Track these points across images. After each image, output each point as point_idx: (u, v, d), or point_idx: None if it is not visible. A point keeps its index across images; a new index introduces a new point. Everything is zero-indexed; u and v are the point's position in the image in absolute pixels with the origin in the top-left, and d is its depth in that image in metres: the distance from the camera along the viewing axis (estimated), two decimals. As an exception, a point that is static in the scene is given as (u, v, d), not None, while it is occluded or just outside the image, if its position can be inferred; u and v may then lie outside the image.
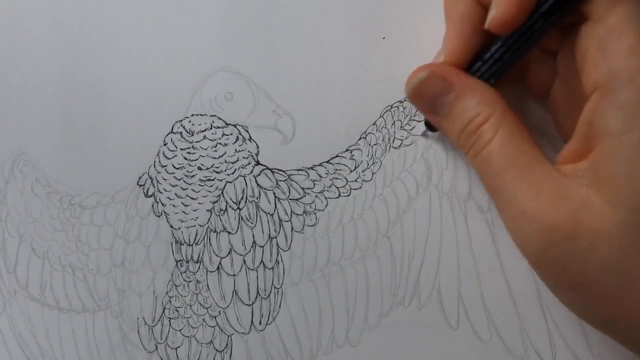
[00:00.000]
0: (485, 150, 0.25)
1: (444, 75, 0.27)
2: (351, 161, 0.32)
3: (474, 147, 0.26)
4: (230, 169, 0.32)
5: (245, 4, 0.32)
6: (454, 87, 0.26)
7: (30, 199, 0.34)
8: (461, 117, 0.26)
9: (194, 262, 0.32)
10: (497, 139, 0.25)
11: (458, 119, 0.26)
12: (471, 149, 0.26)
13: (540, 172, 0.24)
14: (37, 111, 0.34)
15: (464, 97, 0.26)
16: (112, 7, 0.33)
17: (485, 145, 0.25)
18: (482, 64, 0.27)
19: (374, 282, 0.32)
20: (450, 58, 0.27)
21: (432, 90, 0.27)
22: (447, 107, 0.27)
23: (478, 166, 0.26)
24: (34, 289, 0.34)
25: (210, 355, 0.32)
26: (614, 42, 0.22)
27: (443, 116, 0.27)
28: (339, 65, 0.32)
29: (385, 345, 0.32)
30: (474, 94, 0.26)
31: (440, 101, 0.27)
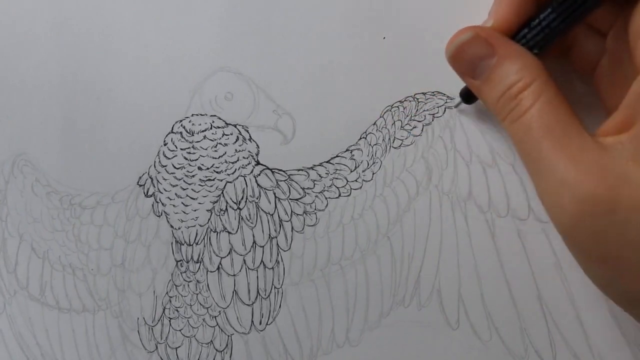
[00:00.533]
0: (524, 116, 0.25)
1: (488, 38, 0.26)
2: (351, 161, 0.32)
3: (513, 113, 0.26)
4: (231, 169, 0.32)
5: (245, 4, 0.32)
6: (497, 51, 0.26)
7: (30, 199, 0.34)
8: (502, 82, 0.26)
9: (194, 262, 0.32)
10: (538, 106, 0.25)
11: (499, 84, 0.26)
12: (509, 114, 0.26)
13: (580, 142, 0.24)
14: (37, 111, 0.34)
15: (506, 61, 0.26)
16: (112, 7, 0.33)
17: (525, 112, 0.25)
18: (529, 31, 0.27)
19: (374, 282, 0.32)
20: (497, 23, 0.27)
21: (474, 52, 0.27)
22: (488, 70, 0.26)
23: (515, 132, 0.26)
24: (34, 289, 0.34)
25: (211, 355, 0.32)
26: None
27: (483, 80, 0.27)
28: (339, 65, 0.32)
29: (385, 345, 0.31)
30: (517, 60, 0.26)
31: (481, 64, 0.26)
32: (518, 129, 0.25)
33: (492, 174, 0.31)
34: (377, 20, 0.32)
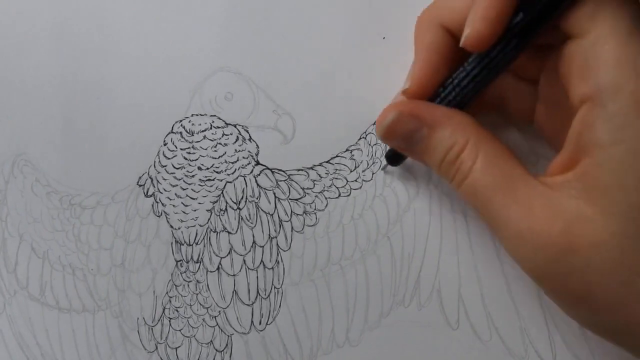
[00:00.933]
0: (468, 178, 0.25)
1: (413, 112, 0.27)
2: (351, 161, 0.32)
3: (457, 177, 0.26)
4: (230, 169, 0.32)
5: (245, 4, 0.32)
6: (425, 122, 0.26)
7: (30, 199, 0.34)
8: (438, 150, 0.26)
9: (194, 262, 0.33)
10: (479, 165, 0.25)
11: (435, 152, 0.26)
12: (454, 178, 0.26)
13: (528, 190, 0.24)
14: (37, 111, 0.34)
15: (437, 129, 0.26)
16: (112, 8, 0.33)
17: (468, 173, 0.25)
18: (453, 89, 0.27)
19: (374, 282, 0.32)
20: (417, 86, 0.27)
21: (404, 129, 0.27)
22: (422, 142, 0.27)
23: (464, 195, 0.26)
24: (34, 289, 0.34)
25: (210, 355, 0.32)
26: (598, 54, 0.22)
27: (421, 151, 0.27)
28: (339, 65, 0.32)
29: (385, 345, 0.31)
30: (446, 124, 0.26)
31: (414, 137, 0.27)
32: (466, 191, 0.26)
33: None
34: (377, 20, 0.32)
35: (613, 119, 0.22)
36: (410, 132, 0.27)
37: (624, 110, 0.22)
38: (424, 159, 0.27)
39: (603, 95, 0.22)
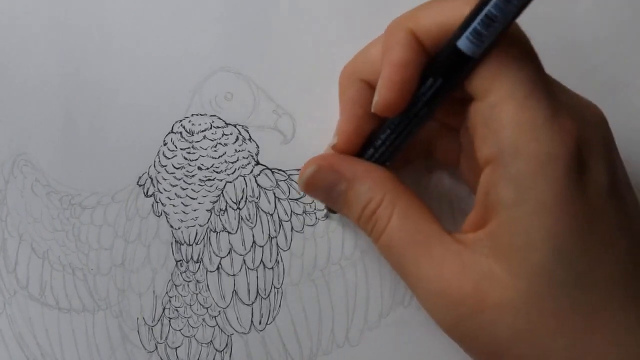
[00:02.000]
0: (384, 234, 0.25)
1: (333, 166, 0.27)
2: (351, 161, 0.32)
3: (374, 233, 0.26)
4: (230, 169, 0.32)
5: (245, 4, 0.32)
6: (344, 176, 0.27)
7: (30, 199, 0.34)
8: (355, 205, 0.26)
9: (193, 262, 0.33)
10: (394, 222, 0.25)
11: (353, 207, 0.27)
12: (371, 234, 0.26)
13: (440, 248, 0.24)
14: (37, 111, 0.34)
15: (355, 184, 0.26)
16: (112, 7, 0.33)
17: (384, 229, 0.25)
18: (375, 149, 0.27)
19: (374, 282, 0.32)
20: (342, 141, 0.28)
21: (323, 182, 0.27)
22: (341, 196, 0.27)
23: (381, 250, 0.26)
24: (34, 289, 0.34)
25: (210, 355, 0.32)
26: (497, 118, 0.23)
27: (340, 205, 0.27)
28: (339, 65, 0.32)
29: (385, 345, 0.31)
30: (364, 180, 0.26)
31: (334, 191, 0.27)
32: (382, 247, 0.26)
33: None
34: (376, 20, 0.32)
35: (515, 181, 0.22)
36: (330, 186, 0.27)
37: (525, 171, 0.22)
38: (344, 212, 0.28)
39: (504, 156, 0.22)
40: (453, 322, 0.24)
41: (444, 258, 0.24)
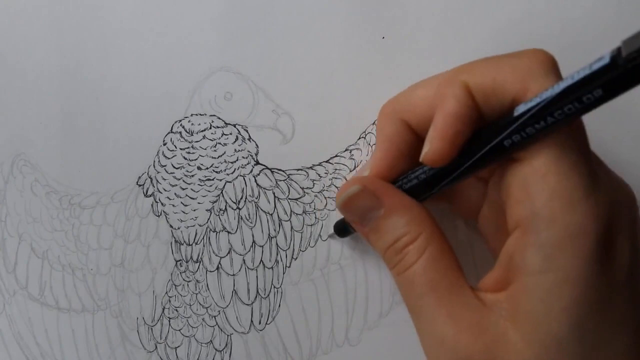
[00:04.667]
0: (409, 270, 0.25)
1: (375, 191, 0.27)
2: (351, 161, 0.32)
3: (398, 266, 0.26)
4: (230, 169, 0.32)
5: (245, 4, 0.32)
6: (384, 203, 0.26)
7: (30, 198, 0.34)
8: (388, 235, 0.26)
9: (193, 262, 0.33)
10: (422, 262, 0.25)
11: (385, 236, 0.26)
12: (395, 267, 0.26)
13: (460, 299, 0.24)
14: (36, 111, 0.34)
15: (393, 214, 0.26)
16: (111, 7, 0.33)
17: (410, 266, 0.25)
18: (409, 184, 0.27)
19: (374, 282, 0.32)
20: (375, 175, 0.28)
21: (362, 204, 0.27)
22: (375, 221, 0.27)
23: (400, 284, 0.26)
24: (34, 289, 0.33)
25: (210, 355, 0.33)
26: (537, 183, 0.23)
27: (371, 229, 0.27)
28: (339, 65, 0.32)
29: (385, 344, 0.32)
30: (403, 213, 0.26)
31: (369, 215, 0.27)
32: (402, 283, 0.26)
33: (491, 173, 0.31)
34: (377, 20, 0.32)
35: (544, 248, 0.22)
36: (367, 209, 0.27)
37: (556, 241, 0.22)
38: (371, 237, 0.27)
39: (537, 222, 0.22)
40: None
41: (462, 311, 0.24)
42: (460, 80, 0.24)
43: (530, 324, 0.23)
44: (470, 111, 0.24)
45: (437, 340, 0.24)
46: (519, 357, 0.23)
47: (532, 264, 0.23)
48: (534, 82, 0.23)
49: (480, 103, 0.24)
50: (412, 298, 0.25)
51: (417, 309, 0.25)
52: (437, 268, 0.25)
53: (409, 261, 0.25)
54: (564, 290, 0.22)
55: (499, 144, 0.23)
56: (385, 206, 0.26)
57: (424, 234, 0.25)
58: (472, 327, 0.23)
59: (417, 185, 0.27)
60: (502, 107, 0.24)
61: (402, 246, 0.26)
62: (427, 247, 0.25)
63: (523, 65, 0.23)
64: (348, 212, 0.28)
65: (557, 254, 0.22)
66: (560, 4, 0.31)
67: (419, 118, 0.26)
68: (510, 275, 0.24)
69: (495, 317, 0.23)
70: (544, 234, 0.22)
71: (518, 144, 0.23)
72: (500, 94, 0.24)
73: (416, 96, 0.27)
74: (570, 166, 0.22)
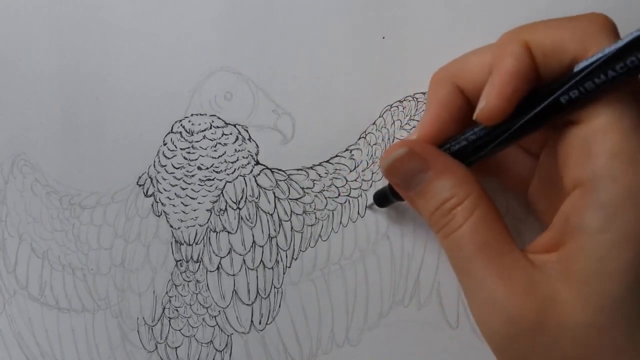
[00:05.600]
0: (456, 233, 0.25)
1: (422, 153, 0.27)
2: (351, 161, 0.32)
3: (445, 229, 0.26)
4: (230, 169, 0.32)
5: (245, 4, 0.32)
6: (431, 166, 0.26)
7: (30, 198, 0.34)
8: (435, 197, 0.26)
9: (193, 262, 0.33)
10: (470, 223, 0.25)
11: (432, 199, 0.26)
12: (442, 229, 0.26)
13: (510, 260, 0.24)
14: (36, 111, 0.34)
15: (441, 177, 0.26)
16: (111, 7, 0.33)
17: (457, 228, 0.25)
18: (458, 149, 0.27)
19: (374, 282, 0.32)
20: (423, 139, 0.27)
21: (409, 167, 0.27)
22: (422, 185, 0.26)
23: (448, 247, 0.26)
24: (34, 289, 0.34)
25: (210, 355, 0.33)
26: (598, 142, 0.23)
27: (417, 193, 0.27)
28: (339, 65, 0.32)
29: (385, 344, 0.32)
30: (451, 175, 0.26)
31: (415, 178, 0.27)
32: (450, 245, 0.26)
33: (491, 173, 0.31)
34: (377, 20, 0.32)
35: (603, 208, 0.22)
36: (414, 172, 0.27)
37: (616, 200, 0.22)
38: (417, 201, 0.27)
39: (598, 183, 0.22)
40: (506, 337, 0.24)
41: (512, 270, 0.24)
42: (521, 38, 0.24)
43: (584, 284, 0.22)
44: (528, 70, 0.24)
45: (488, 301, 0.24)
46: (571, 317, 0.22)
47: (590, 224, 0.22)
48: (594, 44, 0.23)
49: (539, 62, 0.24)
50: (461, 260, 0.25)
51: (466, 270, 0.25)
52: (485, 229, 0.25)
53: (456, 223, 0.25)
54: (622, 251, 0.22)
55: (556, 100, 0.23)
56: (432, 169, 0.26)
57: (471, 196, 0.25)
58: (523, 288, 0.23)
59: (465, 147, 0.26)
60: (561, 68, 0.24)
61: (450, 208, 0.25)
62: (475, 209, 0.25)
63: (584, 27, 0.23)
64: (393, 175, 0.28)
65: (617, 213, 0.22)
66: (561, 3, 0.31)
67: (473, 83, 0.26)
68: (564, 237, 0.23)
69: (546, 277, 0.23)
70: (605, 193, 0.22)
71: (576, 101, 0.23)
72: (559, 54, 0.23)
73: (471, 61, 0.27)
74: (632, 125, 0.22)
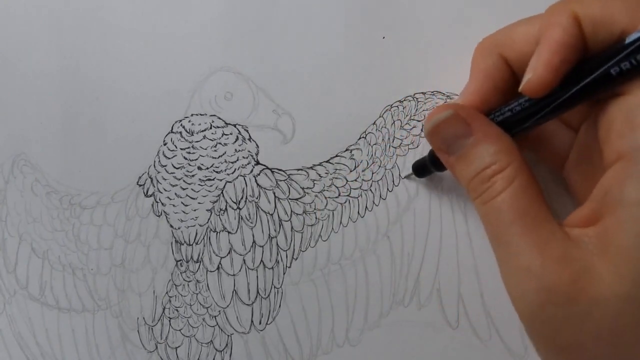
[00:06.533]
0: (495, 200, 0.25)
1: (466, 118, 0.26)
2: (351, 161, 0.32)
3: (485, 195, 0.26)
4: (230, 169, 0.32)
5: (245, 4, 0.32)
6: (474, 131, 0.26)
7: (30, 198, 0.34)
8: (476, 162, 0.26)
9: (193, 262, 0.33)
10: (510, 191, 0.25)
11: (473, 164, 0.26)
12: (481, 195, 0.26)
13: (547, 231, 0.24)
14: (36, 111, 0.34)
15: (483, 143, 0.26)
16: (111, 7, 0.33)
17: (497, 195, 0.25)
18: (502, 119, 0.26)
19: (374, 282, 0.32)
20: None
21: (451, 130, 0.26)
22: (464, 149, 0.26)
23: (485, 214, 0.26)
24: (34, 289, 0.34)
25: (210, 355, 0.33)
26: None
27: (457, 158, 0.27)
28: (339, 65, 0.32)
29: (385, 344, 0.32)
30: (493, 142, 0.26)
31: (457, 142, 0.26)
32: (488, 212, 0.26)
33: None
34: (377, 20, 0.32)
35: None
36: (457, 136, 0.26)
37: None
38: (457, 166, 0.27)
39: None
40: (538, 306, 0.24)
41: (550, 241, 0.24)
42: (569, 9, 0.24)
43: (622, 258, 0.22)
44: (576, 41, 0.23)
45: (523, 269, 0.24)
46: (605, 290, 0.22)
47: (629, 196, 0.22)
48: None
49: (588, 34, 0.24)
50: (499, 227, 0.25)
51: (502, 237, 0.25)
52: (525, 198, 0.25)
53: (496, 189, 0.25)
54: None
55: (606, 72, 0.23)
56: (475, 134, 0.26)
57: (513, 164, 0.25)
58: (559, 258, 0.23)
59: (509, 119, 0.26)
60: (610, 40, 0.23)
61: (490, 175, 0.25)
62: (515, 178, 0.25)
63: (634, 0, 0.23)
64: (436, 137, 0.27)
65: None
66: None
67: (519, 54, 0.26)
68: (602, 211, 0.23)
69: (582, 251, 0.23)
70: None
71: (626, 73, 0.22)
72: (609, 25, 0.23)
73: (517, 32, 0.26)
74: None
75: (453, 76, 0.29)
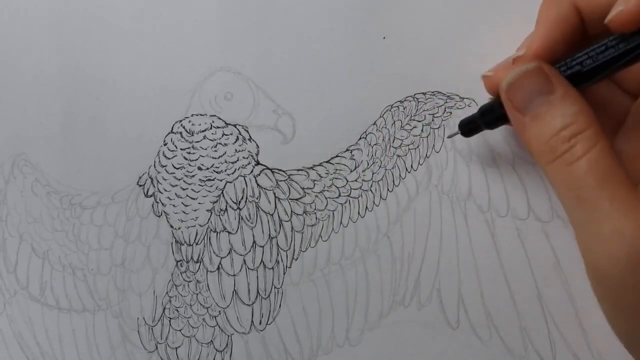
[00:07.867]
0: (579, 161, 0.24)
1: (551, 73, 0.25)
2: (351, 161, 0.32)
3: (565, 156, 0.24)
4: (230, 169, 0.32)
5: (244, 4, 0.32)
6: (556, 89, 0.25)
7: (30, 199, 0.34)
8: (555, 122, 0.25)
9: (194, 262, 0.33)
10: (595, 154, 0.24)
11: (551, 123, 0.25)
12: (560, 157, 0.25)
13: (630, 195, 0.23)
14: (36, 111, 0.34)
15: (565, 102, 0.25)
16: (111, 7, 0.33)
17: (581, 157, 0.24)
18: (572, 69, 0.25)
19: (374, 282, 0.32)
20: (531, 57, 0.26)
21: (535, 84, 0.25)
22: (543, 106, 0.25)
23: (565, 176, 0.24)
24: (34, 289, 0.34)
25: (211, 355, 0.33)
26: None
27: (534, 116, 0.25)
28: (339, 65, 0.32)
29: (385, 344, 0.32)
30: (575, 102, 0.25)
31: (539, 98, 0.25)
32: (570, 174, 0.24)
33: (491, 173, 0.31)
34: (377, 20, 0.32)
35: None
36: (539, 91, 0.25)
37: None
38: (534, 125, 0.25)
39: None
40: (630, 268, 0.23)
41: (633, 204, 0.23)
42: None
43: None
44: None
45: (612, 231, 0.23)
46: None
47: None
48: None
49: None
50: (584, 189, 0.24)
51: (589, 200, 0.24)
52: (609, 163, 0.24)
53: (579, 150, 0.24)
54: None
55: None
56: (557, 92, 0.25)
57: (593, 127, 0.24)
58: None
59: (578, 72, 0.25)
60: None
61: (569, 136, 0.24)
62: (598, 141, 0.24)
63: None
64: (516, 92, 0.26)
65: None
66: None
67: (594, 3, 0.25)
68: None
69: None
70: None
71: None
72: None
73: None
74: None
75: (453, 76, 0.29)
